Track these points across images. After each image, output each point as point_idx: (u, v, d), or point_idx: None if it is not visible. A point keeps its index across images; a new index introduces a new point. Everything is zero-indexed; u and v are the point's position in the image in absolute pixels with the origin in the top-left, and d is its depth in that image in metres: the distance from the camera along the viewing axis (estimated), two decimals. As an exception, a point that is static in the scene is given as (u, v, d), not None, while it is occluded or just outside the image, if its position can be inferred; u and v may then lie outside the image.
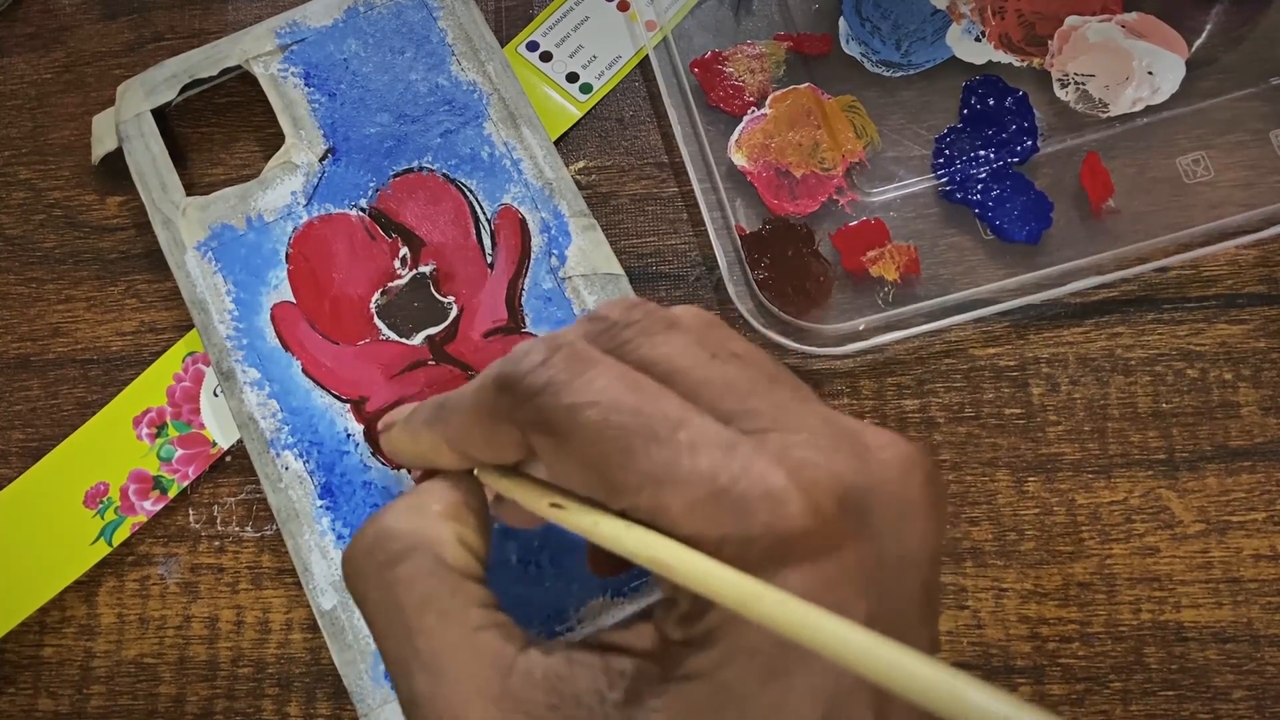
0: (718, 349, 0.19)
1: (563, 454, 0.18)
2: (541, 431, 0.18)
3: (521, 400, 0.18)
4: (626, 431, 0.17)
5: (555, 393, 0.18)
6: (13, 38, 0.38)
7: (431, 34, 0.34)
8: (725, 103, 0.34)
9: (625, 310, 0.19)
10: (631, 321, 0.19)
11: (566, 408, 0.18)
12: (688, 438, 0.17)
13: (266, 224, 0.33)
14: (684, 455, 0.17)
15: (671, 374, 0.18)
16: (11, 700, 0.31)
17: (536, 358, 0.18)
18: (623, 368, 0.18)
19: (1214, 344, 0.31)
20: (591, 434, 0.17)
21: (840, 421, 0.18)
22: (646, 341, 0.19)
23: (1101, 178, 0.32)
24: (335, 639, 0.29)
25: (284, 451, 0.31)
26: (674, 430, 0.17)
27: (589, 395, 0.17)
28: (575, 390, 0.18)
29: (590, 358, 0.18)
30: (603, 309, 0.20)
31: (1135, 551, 0.30)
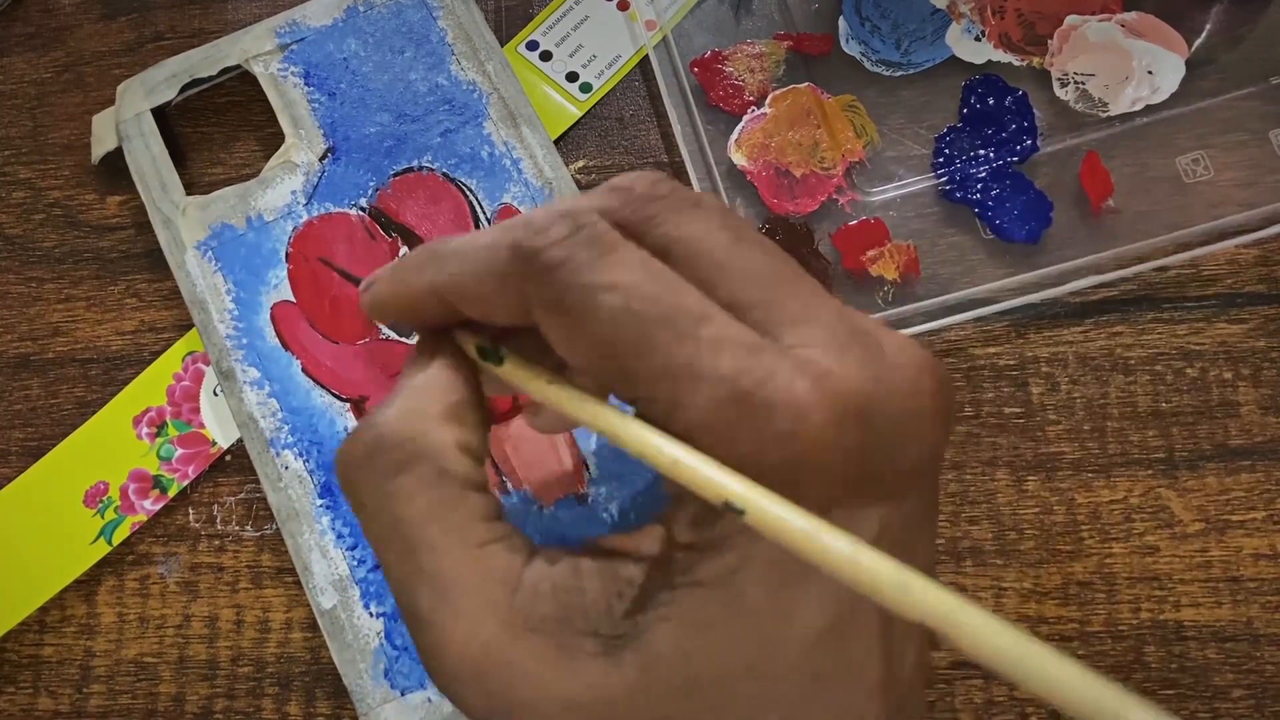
0: (742, 234, 0.18)
1: (576, 336, 0.17)
2: (555, 310, 0.17)
3: (538, 274, 0.17)
4: (648, 320, 0.16)
5: (575, 271, 0.17)
6: (13, 38, 0.38)
7: (431, 33, 0.34)
8: (725, 102, 0.34)
9: (650, 184, 0.19)
10: (656, 196, 0.18)
11: (585, 287, 0.17)
12: (711, 334, 0.16)
13: (266, 223, 0.33)
14: (706, 352, 0.16)
15: (696, 255, 0.18)
16: (11, 700, 0.31)
17: (558, 232, 0.17)
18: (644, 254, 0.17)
19: (1214, 343, 0.31)
20: (609, 319, 0.17)
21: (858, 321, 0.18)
22: (672, 218, 0.18)
23: (1101, 177, 0.32)
24: (335, 638, 0.29)
25: (284, 451, 0.31)
26: (697, 325, 0.16)
27: (609, 278, 0.17)
28: (597, 271, 0.17)
29: (612, 240, 0.17)
30: (627, 180, 0.19)
31: (1135, 551, 0.30)
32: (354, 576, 0.30)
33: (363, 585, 0.30)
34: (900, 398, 0.17)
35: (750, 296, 0.17)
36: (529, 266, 0.18)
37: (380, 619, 0.29)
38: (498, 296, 0.19)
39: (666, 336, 0.16)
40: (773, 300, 0.17)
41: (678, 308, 0.16)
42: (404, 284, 0.20)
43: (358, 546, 0.30)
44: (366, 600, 0.29)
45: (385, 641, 0.29)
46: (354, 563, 0.30)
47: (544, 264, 0.17)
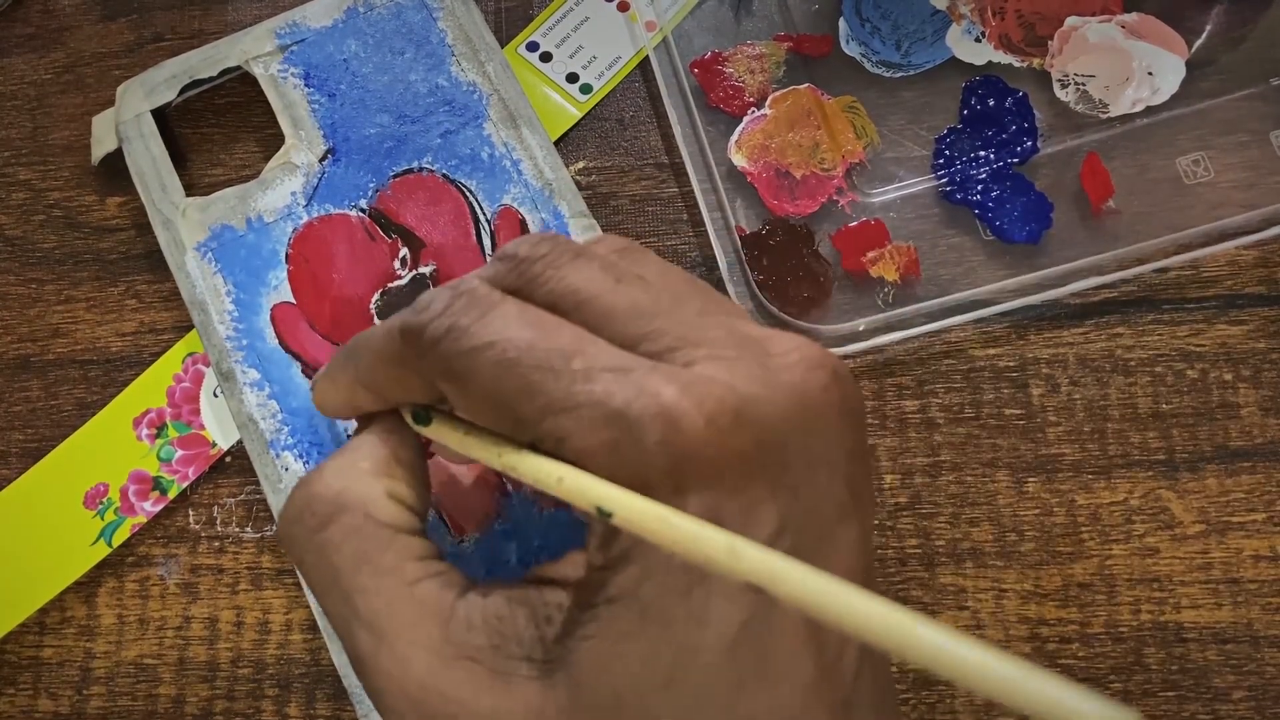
0: (623, 274, 0.19)
1: (469, 397, 0.18)
2: (448, 378, 0.19)
3: (425, 350, 0.19)
4: (523, 367, 0.17)
5: (456, 339, 0.18)
6: (13, 38, 0.38)
7: (431, 34, 0.34)
8: (725, 103, 0.34)
9: (532, 246, 0.20)
10: (538, 256, 0.19)
11: (467, 352, 0.18)
12: (582, 365, 0.17)
13: (266, 225, 0.33)
14: (578, 382, 0.17)
15: (578, 304, 0.19)
16: (11, 701, 0.31)
17: (438, 306, 0.19)
18: (522, 306, 0.18)
19: (1214, 344, 0.31)
20: (491, 374, 0.18)
21: (745, 330, 0.18)
22: (554, 275, 0.19)
23: (1101, 178, 0.32)
24: (334, 639, 0.29)
25: (284, 452, 0.31)
26: (568, 360, 0.17)
27: (486, 336, 0.18)
28: (473, 334, 0.18)
29: (490, 300, 0.19)
30: (510, 246, 0.20)
31: (1135, 552, 0.30)
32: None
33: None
34: (787, 395, 0.17)
35: (636, 330, 0.18)
36: (418, 344, 0.19)
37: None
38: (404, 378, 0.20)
39: (542, 377, 0.17)
40: (656, 330, 0.18)
41: (550, 350, 0.17)
42: (333, 383, 0.22)
43: (358, 548, 0.30)
44: (366, 602, 0.29)
45: None
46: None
47: (429, 339, 0.19)
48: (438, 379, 0.19)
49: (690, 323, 0.18)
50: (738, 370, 0.17)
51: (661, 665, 0.17)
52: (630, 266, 0.19)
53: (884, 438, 0.31)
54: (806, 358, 0.18)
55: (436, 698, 0.18)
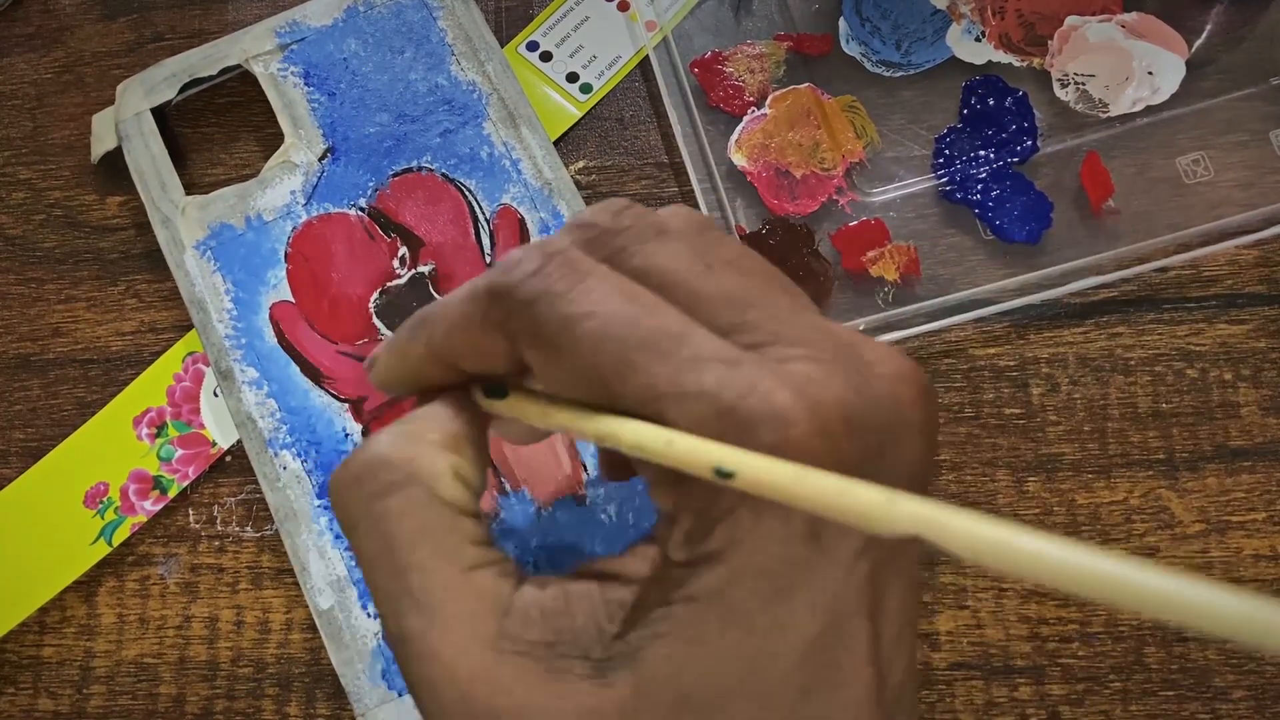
0: (712, 257, 0.18)
1: (559, 366, 0.18)
2: (536, 343, 0.18)
3: (515, 310, 0.18)
4: (626, 344, 0.17)
5: (551, 303, 0.17)
6: (13, 38, 0.38)
7: (431, 34, 0.34)
8: (725, 103, 0.34)
9: (614, 215, 0.19)
10: (622, 228, 0.18)
11: (563, 318, 0.17)
12: (690, 352, 0.16)
13: (266, 223, 0.33)
14: (686, 370, 0.16)
15: (667, 285, 0.18)
16: (11, 700, 0.31)
17: (530, 266, 0.18)
18: (619, 278, 0.18)
19: (1214, 344, 0.31)
20: (590, 346, 0.17)
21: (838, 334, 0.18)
22: (640, 250, 0.18)
23: (1101, 178, 0.32)
24: (333, 638, 0.29)
25: (282, 451, 0.31)
26: (676, 344, 0.16)
27: (586, 306, 0.17)
28: (572, 300, 0.17)
29: (585, 267, 0.18)
30: (590, 214, 0.19)
31: (1135, 551, 0.30)
32: (352, 577, 0.30)
33: (360, 586, 0.30)
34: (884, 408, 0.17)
35: (727, 320, 0.17)
36: (507, 304, 0.18)
37: (378, 619, 0.29)
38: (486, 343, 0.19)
39: (647, 358, 0.16)
40: (750, 321, 0.17)
41: (656, 329, 0.17)
42: (402, 356, 0.21)
43: (356, 547, 0.30)
44: (364, 601, 0.29)
45: (383, 642, 0.29)
46: (352, 563, 0.30)
47: (520, 299, 0.18)
48: (525, 344, 0.18)
49: (784, 319, 0.17)
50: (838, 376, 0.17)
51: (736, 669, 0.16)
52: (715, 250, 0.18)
53: (884, 437, 0.31)
54: (899, 370, 0.17)
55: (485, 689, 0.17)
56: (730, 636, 0.16)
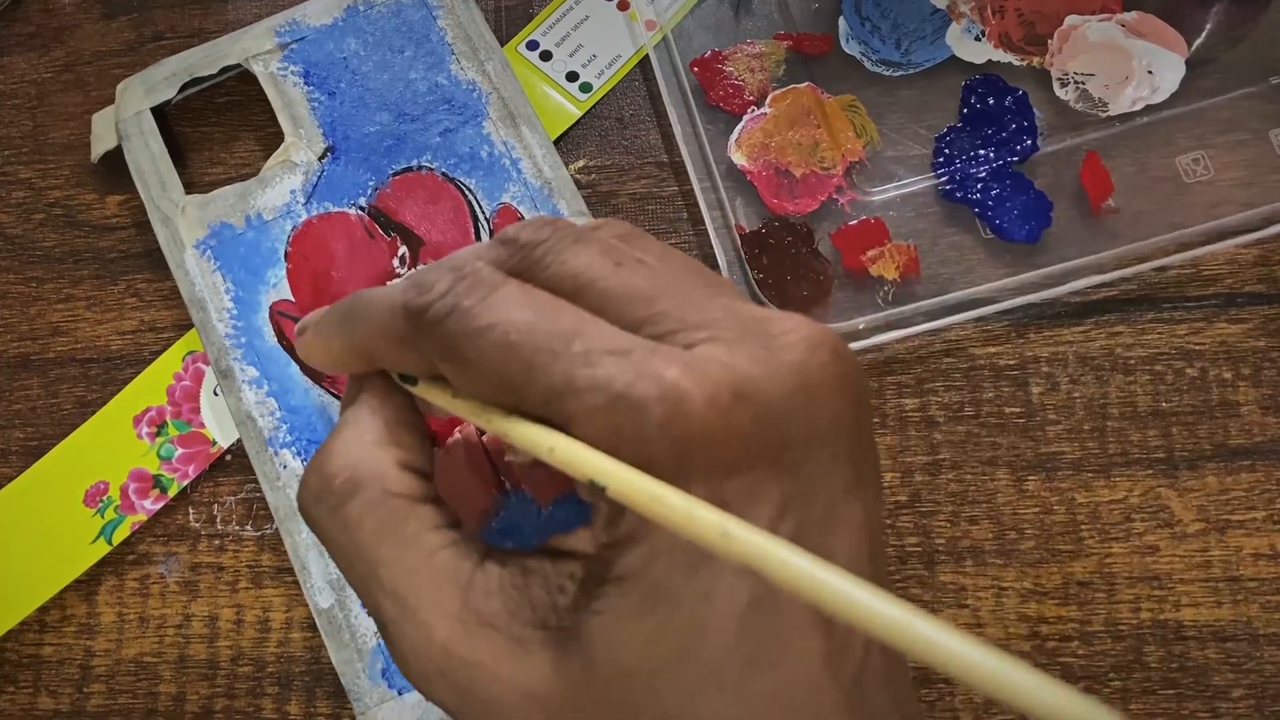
0: (623, 257, 0.19)
1: (471, 377, 0.19)
2: (448, 357, 0.19)
3: (427, 329, 0.19)
4: (525, 349, 0.17)
5: (459, 320, 0.18)
6: (13, 37, 0.38)
7: (431, 33, 0.34)
8: (725, 102, 0.34)
9: (534, 230, 0.20)
10: (538, 241, 0.19)
11: (468, 333, 0.18)
12: (583, 348, 0.17)
13: (265, 222, 0.33)
14: (580, 365, 0.17)
15: (579, 289, 0.19)
16: (11, 699, 0.31)
17: (441, 286, 0.19)
18: (524, 288, 0.19)
19: (1214, 343, 0.31)
20: (492, 356, 0.18)
21: (746, 312, 0.18)
22: (554, 259, 0.19)
23: (1101, 177, 0.32)
24: (332, 637, 0.29)
25: (282, 450, 0.31)
26: (569, 343, 0.17)
27: (489, 319, 0.18)
28: (476, 315, 0.18)
29: (492, 282, 0.19)
30: (511, 230, 0.20)
31: (1135, 550, 0.30)
32: (352, 576, 0.30)
33: (361, 585, 0.30)
34: (787, 374, 0.17)
35: (637, 314, 0.18)
36: (419, 324, 0.19)
37: (377, 619, 0.29)
38: (401, 354, 0.20)
39: (545, 360, 0.17)
40: (659, 313, 0.18)
41: (553, 332, 0.18)
42: (324, 343, 0.22)
43: (357, 546, 0.30)
44: (365, 599, 0.29)
45: (383, 641, 0.29)
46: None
47: (431, 319, 0.19)
48: (437, 359, 0.19)
49: (691, 305, 0.18)
50: (738, 350, 0.17)
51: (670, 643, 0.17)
52: (631, 251, 0.19)
53: (884, 436, 0.31)
54: (807, 337, 0.18)
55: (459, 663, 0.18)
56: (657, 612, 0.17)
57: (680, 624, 0.17)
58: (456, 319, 0.18)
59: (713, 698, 0.17)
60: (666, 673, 0.17)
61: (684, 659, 0.17)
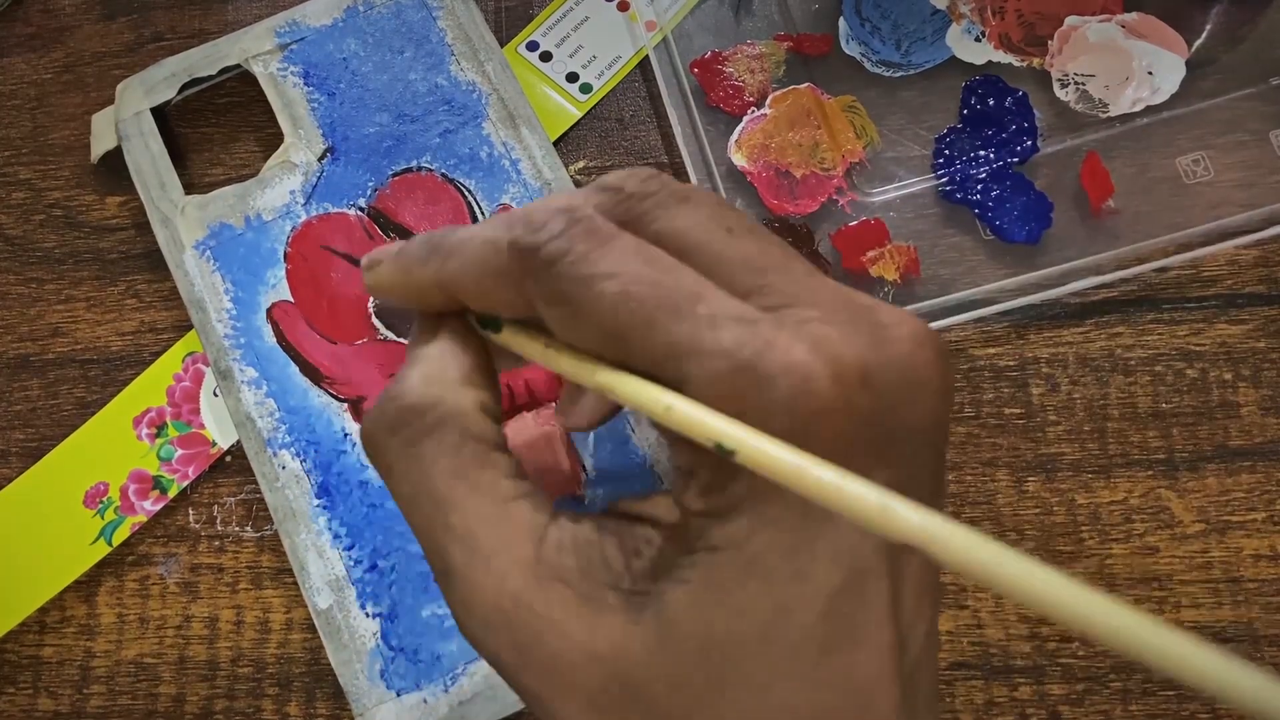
0: (733, 224, 0.19)
1: (578, 324, 0.18)
2: (556, 301, 0.18)
3: (537, 270, 0.18)
4: (646, 304, 0.17)
5: (574, 264, 0.18)
6: (13, 38, 0.38)
7: (431, 34, 0.34)
8: (725, 103, 0.34)
9: (640, 181, 0.19)
10: (647, 193, 0.19)
11: (585, 279, 0.17)
12: (708, 311, 0.17)
13: (265, 223, 0.33)
14: (705, 328, 0.17)
15: (688, 249, 0.18)
16: (11, 700, 0.31)
17: (555, 228, 0.18)
18: (639, 241, 0.18)
19: (1214, 344, 0.31)
20: (609, 306, 0.17)
21: (855, 298, 0.18)
22: (663, 214, 0.19)
23: (1101, 178, 0.32)
24: (331, 638, 0.29)
25: (281, 450, 0.31)
26: (694, 304, 0.17)
27: (607, 267, 0.17)
28: (594, 262, 0.17)
29: (608, 231, 0.18)
30: (616, 179, 0.19)
31: (1135, 551, 0.30)
32: (350, 577, 0.30)
33: (359, 585, 0.30)
34: (899, 366, 0.17)
35: (747, 283, 0.18)
36: (529, 263, 0.18)
37: (376, 619, 0.29)
38: (501, 292, 0.19)
39: (665, 317, 0.17)
40: (769, 285, 0.18)
41: (675, 289, 0.17)
42: (408, 273, 0.21)
43: (354, 547, 0.30)
44: (363, 600, 0.29)
45: (381, 642, 0.29)
46: (350, 563, 0.30)
47: (543, 259, 0.18)
48: (542, 301, 0.18)
49: (802, 282, 0.18)
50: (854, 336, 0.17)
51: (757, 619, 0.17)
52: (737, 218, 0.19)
53: (884, 437, 0.31)
54: (915, 332, 0.18)
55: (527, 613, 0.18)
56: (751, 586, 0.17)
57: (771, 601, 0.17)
58: (571, 263, 0.18)
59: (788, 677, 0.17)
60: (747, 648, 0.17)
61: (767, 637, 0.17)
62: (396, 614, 0.29)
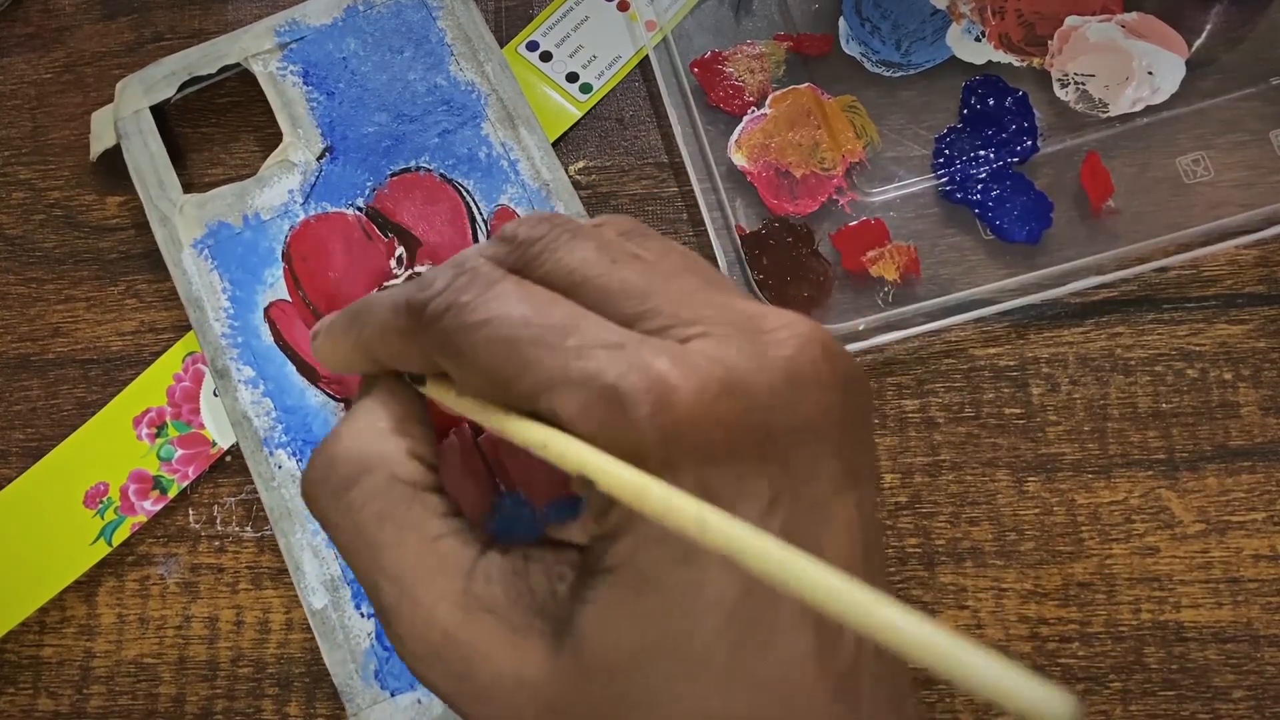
0: (619, 254, 0.19)
1: (468, 371, 0.19)
2: (446, 353, 0.19)
3: (426, 325, 0.19)
4: (519, 343, 0.18)
5: (456, 315, 0.19)
6: (13, 38, 0.38)
7: (430, 34, 0.34)
8: (725, 103, 0.34)
9: (531, 227, 0.20)
10: (535, 238, 0.20)
11: (466, 328, 0.18)
12: (576, 342, 0.17)
13: (263, 222, 0.33)
14: (571, 359, 0.17)
15: (574, 285, 0.19)
16: (11, 700, 0.31)
17: (441, 284, 0.19)
18: (520, 284, 0.19)
19: (1214, 344, 0.31)
20: (486, 350, 0.18)
21: (740, 307, 0.19)
22: (550, 256, 0.19)
23: (1101, 178, 0.32)
24: (326, 638, 0.29)
25: (277, 450, 0.31)
26: (563, 337, 0.18)
27: (484, 314, 0.18)
28: (474, 310, 0.18)
29: (491, 278, 0.19)
30: (509, 227, 0.20)
31: (1135, 551, 0.30)
32: (345, 577, 0.30)
33: (354, 586, 0.30)
34: (778, 368, 0.18)
35: (630, 310, 0.18)
36: (419, 320, 0.19)
37: (372, 619, 0.29)
38: (404, 350, 0.20)
39: (538, 354, 0.18)
40: (652, 308, 0.18)
41: (547, 326, 0.18)
42: (334, 344, 0.23)
43: (352, 547, 0.30)
44: (358, 601, 0.29)
45: (376, 642, 0.29)
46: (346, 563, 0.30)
47: (430, 315, 0.19)
48: (436, 354, 0.19)
49: (684, 301, 0.18)
50: (729, 346, 0.17)
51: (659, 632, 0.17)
52: (630, 246, 0.20)
53: (884, 437, 0.31)
54: (798, 334, 0.18)
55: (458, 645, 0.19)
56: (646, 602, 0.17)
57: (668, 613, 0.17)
58: (454, 314, 0.19)
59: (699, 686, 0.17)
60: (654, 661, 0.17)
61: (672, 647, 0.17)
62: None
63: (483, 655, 0.18)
